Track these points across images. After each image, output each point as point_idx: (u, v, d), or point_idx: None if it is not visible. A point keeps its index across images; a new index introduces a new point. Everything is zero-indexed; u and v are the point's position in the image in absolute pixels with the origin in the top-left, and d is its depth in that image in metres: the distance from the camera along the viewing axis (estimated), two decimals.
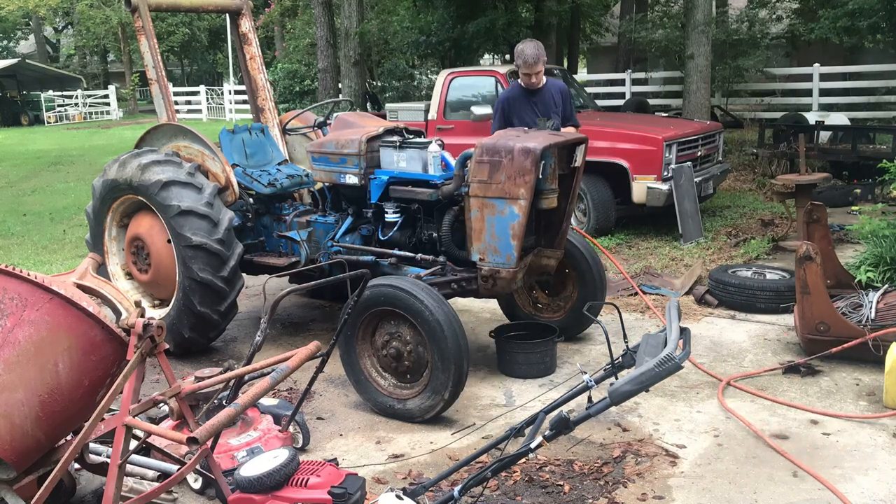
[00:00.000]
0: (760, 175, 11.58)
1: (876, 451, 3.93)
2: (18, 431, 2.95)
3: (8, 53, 46.41)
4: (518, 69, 5.90)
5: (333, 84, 15.86)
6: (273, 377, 3.12)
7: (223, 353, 5.66)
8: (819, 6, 15.01)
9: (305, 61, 20.65)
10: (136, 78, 38.00)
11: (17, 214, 11.65)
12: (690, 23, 11.91)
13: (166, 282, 5.46)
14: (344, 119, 5.95)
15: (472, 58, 14.34)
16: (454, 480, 3.49)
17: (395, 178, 5.13)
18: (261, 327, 3.55)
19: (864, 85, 16.15)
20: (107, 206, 5.66)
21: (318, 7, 16.21)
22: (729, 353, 5.31)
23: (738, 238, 8.29)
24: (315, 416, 4.57)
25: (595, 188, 8.52)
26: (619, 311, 3.93)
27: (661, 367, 2.79)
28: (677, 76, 16.48)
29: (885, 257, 5.84)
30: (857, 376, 4.81)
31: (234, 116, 28.20)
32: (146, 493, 3.09)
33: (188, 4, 6.19)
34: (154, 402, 3.20)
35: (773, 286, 6.03)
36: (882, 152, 10.09)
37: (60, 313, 2.96)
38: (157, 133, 5.80)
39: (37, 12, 39.10)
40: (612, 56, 21.72)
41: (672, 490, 3.64)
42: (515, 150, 4.49)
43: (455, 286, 4.86)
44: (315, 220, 5.67)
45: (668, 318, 3.56)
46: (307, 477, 3.03)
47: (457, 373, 4.19)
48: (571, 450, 4.03)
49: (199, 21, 40.00)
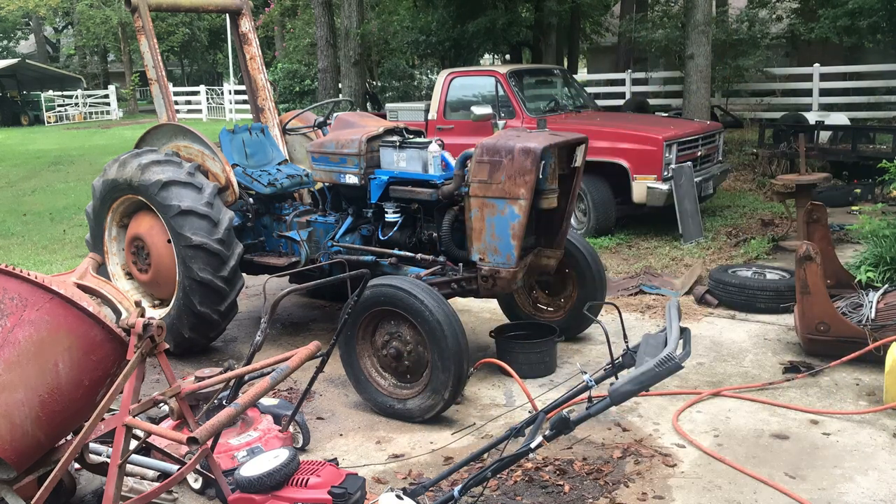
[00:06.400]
0: (760, 175, 11.58)
1: (876, 451, 3.93)
2: (18, 431, 2.95)
3: (8, 53, 46.39)
4: None
5: (333, 84, 15.86)
6: (273, 377, 3.12)
7: (223, 353, 5.65)
8: (819, 6, 15.02)
9: (305, 61, 20.65)
10: (136, 78, 37.98)
11: (17, 214, 11.64)
12: (690, 23, 11.90)
13: (166, 282, 5.46)
14: (344, 119, 5.94)
15: (472, 58, 14.34)
16: (454, 480, 3.49)
17: (395, 178, 5.13)
18: (261, 327, 3.56)
19: (864, 85, 16.14)
20: (107, 206, 5.66)
21: (318, 7, 16.20)
22: (729, 353, 5.31)
23: (738, 238, 8.29)
24: (315, 416, 4.56)
25: (595, 188, 8.52)
26: (619, 311, 3.93)
27: (662, 366, 2.79)
28: (677, 76, 16.47)
29: (885, 257, 5.85)
30: (857, 376, 4.81)
31: (234, 116, 28.19)
32: (146, 493, 3.09)
33: (188, 4, 6.19)
34: (154, 402, 3.20)
35: (773, 286, 6.03)
36: (882, 152, 10.09)
37: (60, 313, 2.96)
38: (157, 133, 5.80)
39: (37, 12, 39.08)
40: (612, 56, 21.71)
41: (672, 490, 3.64)
42: (515, 149, 4.49)
43: (455, 286, 4.86)
44: (315, 220, 5.67)
45: (668, 318, 3.56)
46: (307, 477, 3.04)
47: (457, 373, 4.19)
48: (571, 450, 4.03)
49: (199, 21, 39.99)
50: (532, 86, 10.24)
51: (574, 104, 10.15)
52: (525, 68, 10.35)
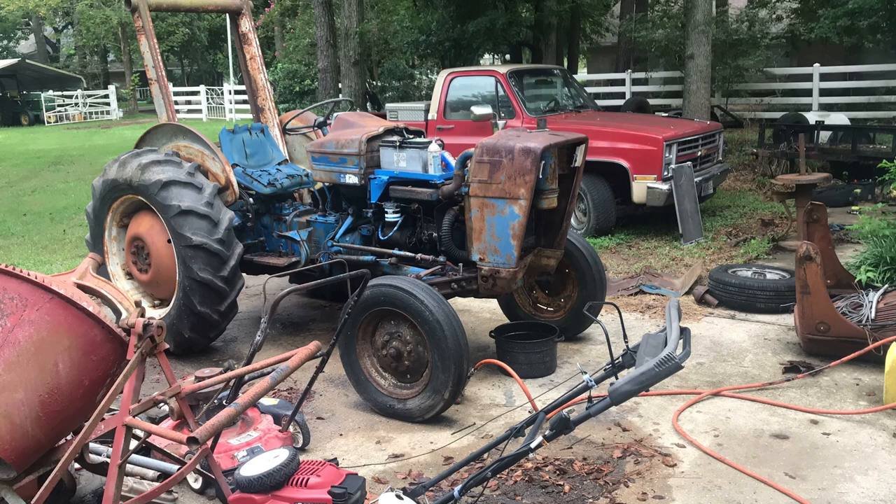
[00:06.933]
0: (760, 175, 11.59)
1: (876, 451, 3.93)
2: (19, 431, 2.95)
3: (8, 53, 46.39)
4: None
5: (333, 84, 15.86)
6: (273, 377, 3.12)
7: (223, 353, 5.65)
8: (819, 6, 15.00)
9: (305, 61, 20.64)
10: (136, 78, 37.98)
11: (17, 214, 11.64)
12: (690, 23, 11.90)
13: (166, 282, 5.46)
14: (344, 119, 5.94)
15: (472, 58, 14.34)
16: (454, 480, 3.49)
17: (395, 177, 5.13)
18: (261, 327, 3.56)
19: (864, 85, 16.13)
20: (107, 206, 5.66)
21: (318, 7, 16.21)
22: (729, 353, 5.31)
23: (738, 238, 8.29)
24: (315, 415, 4.56)
25: (595, 188, 8.52)
26: (619, 311, 3.92)
27: (662, 366, 2.79)
28: (677, 76, 16.46)
29: (885, 257, 5.84)
30: (857, 376, 4.81)
31: (234, 116, 28.19)
32: (146, 493, 3.09)
33: (188, 4, 6.19)
34: (154, 402, 3.20)
35: (773, 286, 6.03)
36: (882, 152, 10.09)
37: (60, 313, 2.96)
38: (157, 133, 5.79)
39: (37, 12, 39.08)
40: (612, 56, 21.70)
41: (672, 490, 3.64)
42: (516, 149, 4.49)
43: (455, 286, 4.86)
44: (315, 220, 5.67)
45: (668, 318, 3.56)
46: (307, 477, 3.03)
47: (457, 373, 4.19)
48: (571, 450, 4.03)
49: (199, 21, 39.98)
50: (532, 86, 10.24)
51: (574, 104, 10.15)
52: (525, 68, 10.35)
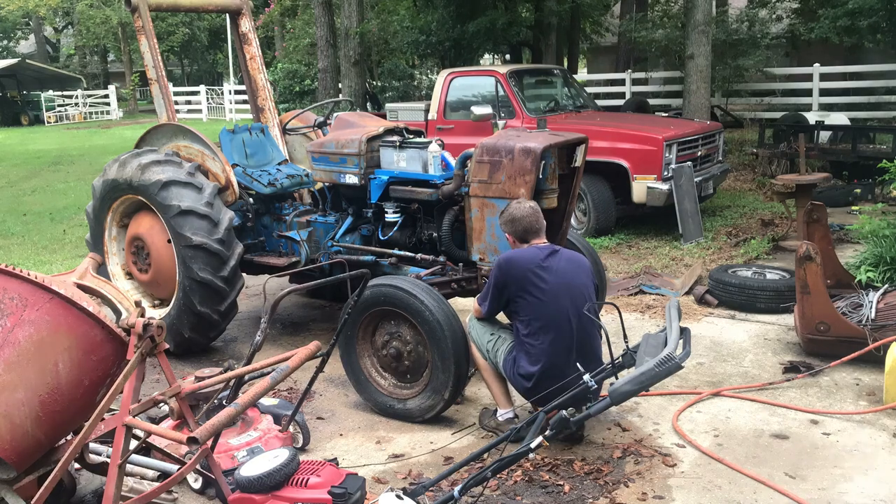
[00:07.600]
0: (760, 175, 11.59)
1: (876, 451, 3.93)
2: (19, 431, 2.95)
3: (8, 53, 46.38)
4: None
5: (333, 84, 15.86)
6: (273, 377, 3.12)
7: (223, 353, 5.65)
8: (819, 6, 15.00)
9: (305, 61, 20.65)
10: (136, 78, 37.98)
11: (17, 214, 11.64)
12: (690, 23, 11.90)
13: (166, 282, 5.46)
14: (344, 119, 5.94)
15: (472, 58, 14.34)
16: (454, 480, 3.49)
17: (395, 177, 5.13)
18: (261, 327, 3.56)
19: (864, 85, 16.14)
20: (107, 206, 5.66)
21: (318, 7, 16.21)
22: (729, 353, 5.31)
23: (738, 238, 8.29)
24: (315, 415, 4.56)
25: (595, 188, 8.52)
26: (619, 311, 3.93)
27: (661, 366, 2.80)
28: (677, 76, 16.46)
29: (885, 257, 5.84)
30: (857, 376, 4.81)
31: (234, 116, 28.19)
32: (146, 493, 3.09)
33: (188, 4, 6.19)
34: (154, 402, 3.20)
35: (773, 286, 6.03)
36: (882, 152, 10.09)
37: (60, 313, 2.96)
38: (157, 133, 5.79)
39: (37, 12, 39.08)
40: (612, 56, 21.71)
41: (672, 490, 3.64)
42: (516, 149, 4.49)
43: (455, 286, 4.86)
44: (315, 220, 5.67)
45: (668, 318, 3.57)
46: (307, 477, 3.04)
47: (457, 373, 4.19)
48: (571, 450, 4.03)
49: (199, 21, 39.97)
50: (532, 86, 10.25)
51: (574, 104, 10.15)
52: (525, 68, 10.36)
